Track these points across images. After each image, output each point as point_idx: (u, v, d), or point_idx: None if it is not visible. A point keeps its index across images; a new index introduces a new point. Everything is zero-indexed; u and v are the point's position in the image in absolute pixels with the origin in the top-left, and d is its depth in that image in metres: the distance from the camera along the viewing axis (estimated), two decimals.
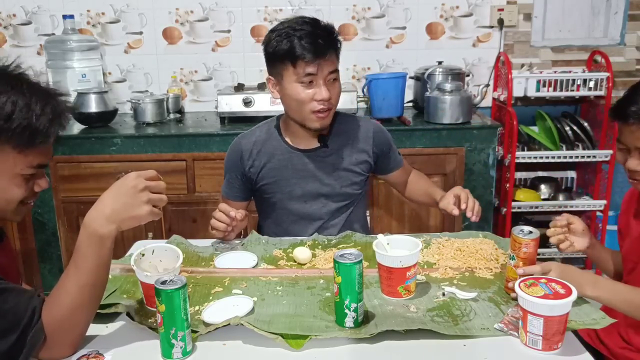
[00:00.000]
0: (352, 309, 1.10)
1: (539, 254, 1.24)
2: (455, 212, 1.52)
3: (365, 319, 1.13)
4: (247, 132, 1.74)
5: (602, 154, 2.78)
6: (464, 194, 1.55)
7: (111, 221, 1.04)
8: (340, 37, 1.59)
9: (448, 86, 2.55)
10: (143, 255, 1.22)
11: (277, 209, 1.71)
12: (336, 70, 1.57)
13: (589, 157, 2.80)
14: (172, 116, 2.80)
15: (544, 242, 1.35)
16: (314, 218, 1.69)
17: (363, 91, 2.69)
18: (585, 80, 2.76)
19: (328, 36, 1.53)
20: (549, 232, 1.37)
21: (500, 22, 2.91)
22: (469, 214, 1.51)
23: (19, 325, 0.99)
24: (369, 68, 2.98)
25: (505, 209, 2.77)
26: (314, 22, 1.54)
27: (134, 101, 2.67)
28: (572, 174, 3.12)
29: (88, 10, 2.90)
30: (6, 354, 0.99)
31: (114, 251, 1.10)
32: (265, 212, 1.76)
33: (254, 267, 1.41)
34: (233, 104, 2.58)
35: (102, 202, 1.06)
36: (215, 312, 1.16)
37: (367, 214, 1.89)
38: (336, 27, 1.61)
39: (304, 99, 1.54)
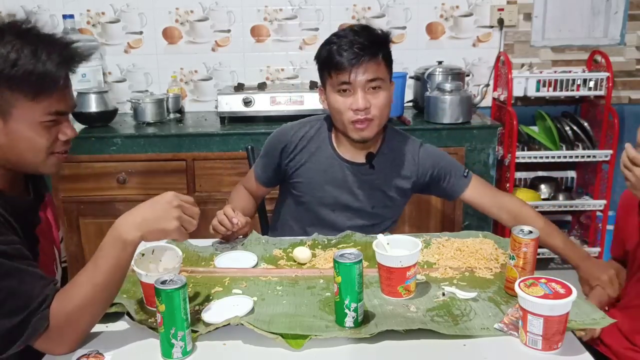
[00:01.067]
0: (352, 309, 1.10)
1: (538, 254, 1.24)
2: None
3: (365, 318, 1.13)
4: (296, 124, 1.68)
5: (602, 154, 2.78)
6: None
7: (139, 229, 1.07)
8: (388, 46, 1.53)
9: (448, 86, 2.55)
10: (143, 255, 1.22)
11: (303, 209, 1.69)
12: (378, 79, 1.50)
13: (589, 157, 2.80)
14: (172, 116, 2.80)
15: None
16: (336, 228, 1.63)
17: None
18: (585, 80, 2.77)
19: (368, 43, 1.47)
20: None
21: (501, 22, 2.91)
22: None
23: (27, 308, 1.00)
24: None
25: None
26: (360, 30, 1.51)
27: (134, 101, 2.67)
28: (572, 173, 3.13)
29: (88, 10, 2.90)
30: (7, 334, 1.00)
31: None
32: (289, 207, 1.73)
33: (253, 266, 1.41)
34: (233, 104, 2.58)
35: (136, 210, 1.09)
36: (215, 311, 1.16)
37: None
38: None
39: (340, 108, 1.52)
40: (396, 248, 1.26)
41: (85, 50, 1.16)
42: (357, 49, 1.46)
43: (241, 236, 1.58)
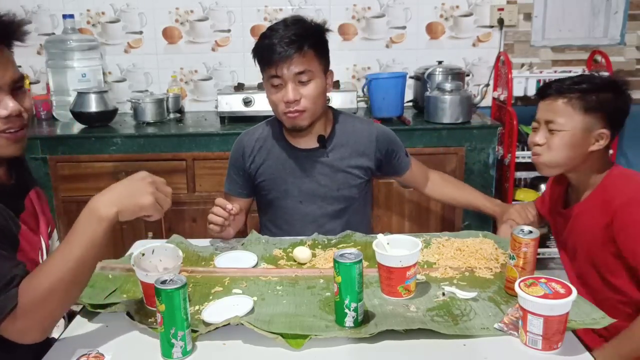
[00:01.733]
0: (352, 309, 1.10)
1: (538, 254, 1.24)
2: None
3: (365, 318, 1.13)
4: (252, 128, 1.74)
5: None
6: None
7: (114, 204, 1.04)
8: (320, 36, 1.55)
9: (448, 86, 2.55)
10: (143, 254, 1.22)
11: (274, 208, 1.71)
12: (307, 71, 1.52)
13: None
14: (172, 116, 2.80)
15: (543, 241, 1.36)
16: (309, 220, 1.68)
17: (363, 91, 2.70)
18: None
19: (296, 37, 1.49)
20: None
21: (501, 21, 2.91)
22: None
23: None
24: (369, 68, 2.98)
25: None
26: (291, 23, 1.53)
27: (134, 101, 2.67)
28: None
29: (88, 10, 2.90)
30: None
31: (114, 251, 1.11)
32: (263, 211, 1.77)
33: (254, 266, 1.41)
34: (233, 104, 2.58)
35: (110, 188, 1.08)
36: (215, 311, 1.16)
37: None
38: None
39: (273, 100, 1.57)
40: (396, 248, 1.26)
41: (13, 19, 1.10)
42: (285, 43, 1.49)
43: (240, 238, 1.58)
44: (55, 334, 1.33)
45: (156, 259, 1.24)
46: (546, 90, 1.45)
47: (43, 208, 1.31)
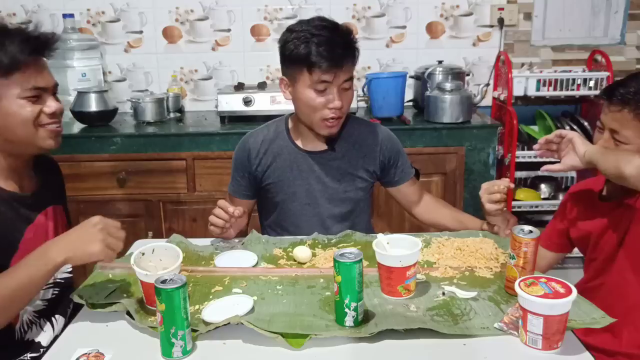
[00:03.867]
0: (352, 308, 1.10)
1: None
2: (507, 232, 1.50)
3: (365, 318, 1.13)
4: (256, 130, 1.73)
5: None
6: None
7: (65, 251, 1.13)
8: (358, 45, 1.56)
9: (448, 85, 2.55)
10: (143, 254, 1.22)
11: (280, 210, 1.71)
12: (351, 79, 1.54)
13: None
14: (172, 115, 2.80)
15: None
16: (316, 222, 1.67)
17: (363, 90, 2.69)
18: (585, 80, 2.76)
19: (346, 44, 1.50)
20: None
21: (501, 21, 2.91)
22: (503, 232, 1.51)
23: None
24: (369, 67, 2.98)
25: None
26: (333, 27, 1.52)
27: (134, 100, 2.67)
28: (572, 173, 3.12)
29: (88, 9, 2.90)
30: None
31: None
32: (268, 212, 1.76)
33: (254, 266, 1.41)
34: (233, 103, 2.58)
35: (65, 234, 1.19)
36: (215, 311, 1.16)
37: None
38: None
39: (316, 105, 1.53)
40: (396, 247, 1.26)
41: (50, 36, 1.29)
42: (340, 50, 1.48)
43: (240, 237, 1.58)
44: (53, 333, 1.33)
45: (156, 259, 1.24)
46: (611, 94, 1.33)
47: (57, 227, 1.38)
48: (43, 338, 1.31)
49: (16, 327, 1.27)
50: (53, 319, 1.35)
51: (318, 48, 1.47)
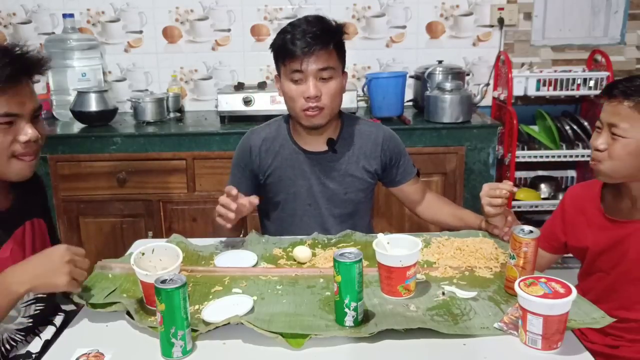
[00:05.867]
0: (351, 308, 1.10)
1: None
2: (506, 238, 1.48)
3: (365, 318, 1.13)
4: (258, 128, 1.73)
5: None
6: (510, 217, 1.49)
7: (28, 282, 1.10)
8: (343, 37, 1.56)
9: (448, 85, 2.55)
10: (143, 254, 1.22)
11: (280, 210, 1.71)
12: (329, 68, 1.52)
13: (589, 156, 2.79)
14: (172, 115, 2.80)
15: None
16: (317, 222, 1.67)
17: (363, 90, 2.70)
18: (585, 80, 2.76)
19: (320, 33, 1.50)
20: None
21: (501, 21, 2.91)
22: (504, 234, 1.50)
23: None
24: (369, 67, 2.98)
25: None
26: (314, 20, 1.53)
27: (134, 100, 2.67)
28: (572, 173, 3.12)
29: (88, 9, 2.90)
30: None
31: (114, 251, 1.12)
32: (268, 212, 1.76)
33: (253, 266, 1.41)
34: (233, 103, 2.58)
35: (27, 263, 1.13)
36: (215, 311, 1.16)
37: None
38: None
39: (293, 96, 1.54)
40: (396, 247, 1.26)
41: (34, 59, 1.20)
42: (309, 38, 1.49)
43: (241, 235, 1.58)
44: (50, 334, 1.32)
45: (156, 259, 1.24)
46: (612, 90, 1.32)
47: (34, 242, 1.32)
48: (33, 348, 1.28)
49: None
50: (38, 331, 1.32)
51: (291, 37, 1.49)
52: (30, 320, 1.30)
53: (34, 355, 1.27)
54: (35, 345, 1.29)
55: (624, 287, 1.40)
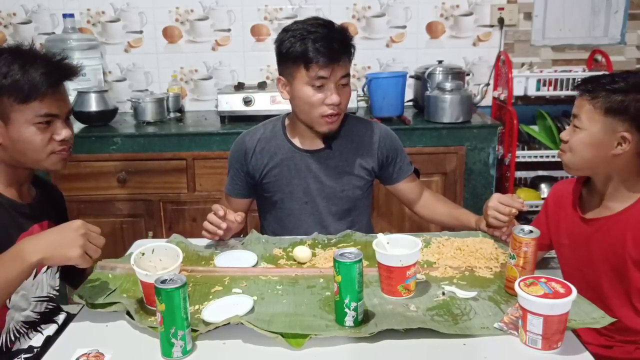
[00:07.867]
0: (352, 308, 1.10)
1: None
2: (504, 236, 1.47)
3: (365, 318, 1.13)
4: (252, 129, 1.73)
5: None
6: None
7: (41, 251, 1.11)
8: (353, 42, 1.56)
9: (448, 85, 2.55)
10: (143, 254, 1.22)
11: (278, 209, 1.71)
12: (348, 75, 1.56)
13: None
14: (172, 115, 2.80)
15: None
16: (315, 221, 1.68)
17: (363, 90, 2.70)
18: None
19: (342, 40, 1.52)
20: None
21: (501, 21, 2.91)
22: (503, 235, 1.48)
23: None
24: (369, 67, 2.98)
25: None
26: (329, 25, 1.53)
27: (134, 100, 2.67)
28: None
29: (88, 9, 2.90)
30: None
31: (114, 251, 1.12)
32: (266, 211, 1.76)
33: (253, 266, 1.41)
34: (233, 103, 2.58)
35: (43, 234, 1.16)
36: (215, 311, 1.16)
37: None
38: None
39: (314, 102, 1.53)
40: (396, 247, 1.26)
41: (72, 65, 1.32)
42: (336, 45, 1.49)
43: (241, 235, 1.58)
44: (52, 331, 1.33)
45: (156, 259, 1.24)
46: (580, 85, 1.41)
47: None
48: (34, 342, 1.31)
49: (1, 334, 1.26)
50: (41, 328, 1.35)
51: (315, 44, 1.48)
52: (38, 316, 1.34)
53: (35, 350, 1.29)
54: (37, 340, 1.31)
55: (600, 287, 1.41)
